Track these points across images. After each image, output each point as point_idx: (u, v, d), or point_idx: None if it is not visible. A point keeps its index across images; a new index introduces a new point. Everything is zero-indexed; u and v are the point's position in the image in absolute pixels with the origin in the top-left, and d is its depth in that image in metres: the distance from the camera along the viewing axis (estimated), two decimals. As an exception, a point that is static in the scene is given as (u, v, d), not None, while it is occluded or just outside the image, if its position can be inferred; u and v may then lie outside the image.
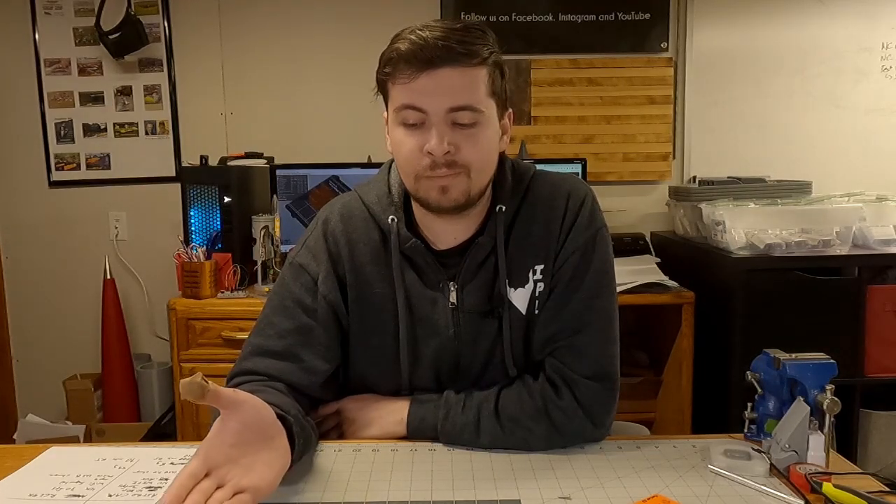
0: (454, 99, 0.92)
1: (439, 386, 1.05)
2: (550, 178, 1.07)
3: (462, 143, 0.93)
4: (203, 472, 0.75)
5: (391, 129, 0.98)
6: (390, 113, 0.98)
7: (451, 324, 1.03)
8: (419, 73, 0.91)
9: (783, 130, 2.71)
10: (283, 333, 1.02)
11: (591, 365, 0.99)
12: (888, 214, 2.16)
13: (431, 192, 0.96)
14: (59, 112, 2.69)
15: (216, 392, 0.74)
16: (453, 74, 0.91)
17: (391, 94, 0.96)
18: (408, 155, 0.95)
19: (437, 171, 0.94)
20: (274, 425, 0.82)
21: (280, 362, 1.01)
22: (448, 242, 1.04)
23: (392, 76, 0.94)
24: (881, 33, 2.67)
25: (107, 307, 2.60)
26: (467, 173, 0.95)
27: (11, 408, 2.80)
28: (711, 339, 2.16)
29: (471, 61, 0.92)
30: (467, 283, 1.03)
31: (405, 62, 0.92)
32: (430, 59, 0.90)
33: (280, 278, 1.08)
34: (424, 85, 0.92)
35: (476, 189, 0.97)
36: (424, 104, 0.92)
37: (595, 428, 0.99)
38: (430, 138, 0.92)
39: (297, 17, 2.68)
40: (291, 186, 2.43)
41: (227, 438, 0.77)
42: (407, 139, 0.95)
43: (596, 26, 2.67)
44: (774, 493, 0.83)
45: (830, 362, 0.93)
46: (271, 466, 0.79)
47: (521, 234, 1.03)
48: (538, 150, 2.68)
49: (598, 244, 1.03)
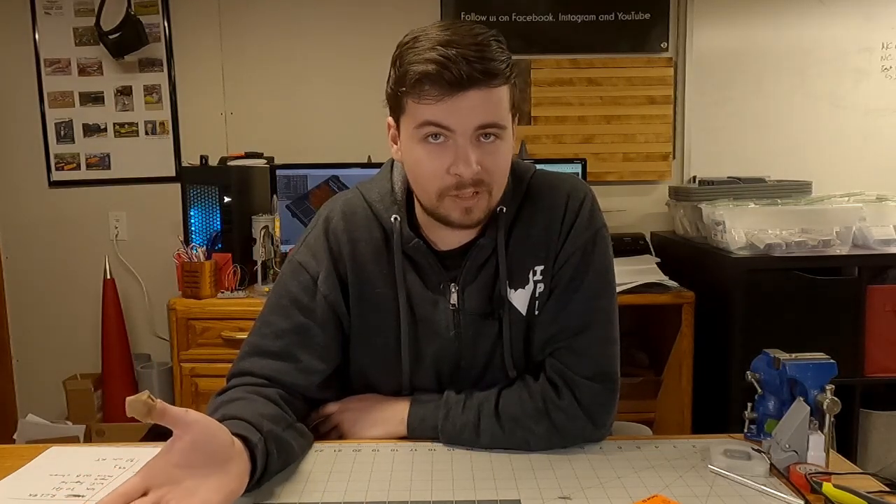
0: (480, 118, 0.90)
1: (440, 386, 1.05)
2: (550, 178, 1.07)
3: (487, 160, 0.92)
4: (140, 490, 0.72)
5: (408, 144, 0.95)
6: (408, 128, 0.94)
7: (451, 325, 1.03)
8: (447, 94, 0.88)
9: (783, 130, 2.71)
10: (279, 333, 1.01)
11: (592, 365, 0.99)
12: (888, 214, 2.16)
13: (454, 212, 0.95)
14: (59, 112, 2.69)
15: (163, 410, 0.71)
16: (479, 95, 0.89)
17: (410, 110, 0.93)
18: (431, 174, 0.93)
19: (463, 190, 0.92)
20: (229, 448, 0.78)
21: (276, 362, 1.00)
22: (449, 244, 1.04)
23: (413, 94, 0.90)
24: (881, 33, 2.67)
25: (107, 307, 2.60)
26: (489, 191, 0.95)
27: (11, 408, 2.80)
28: (711, 339, 2.16)
29: (495, 82, 0.90)
30: (468, 285, 1.03)
31: (431, 83, 0.88)
32: (458, 81, 0.87)
33: (280, 277, 1.07)
34: (452, 106, 0.89)
35: (494, 203, 0.97)
36: (450, 123, 0.90)
37: (595, 428, 0.99)
38: (458, 160, 0.91)
39: (297, 17, 2.68)
40: (291, 186, 2.43)
41: (173, 458, 0.74)
42: (430, 159, 0.92)
43: (596, 26, 2.67)
44: (774, 493, 0.83)
45: (830, 362, 0.93)
46: (218, 491, 0.75)
47: (522, 235, 1.03)
48: (538, 150, 2.68)
49: (598, 244, 1.03)
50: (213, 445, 0.77)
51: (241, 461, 0.80)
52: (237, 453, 0.80)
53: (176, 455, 0.75)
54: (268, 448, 0.85)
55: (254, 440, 0.83)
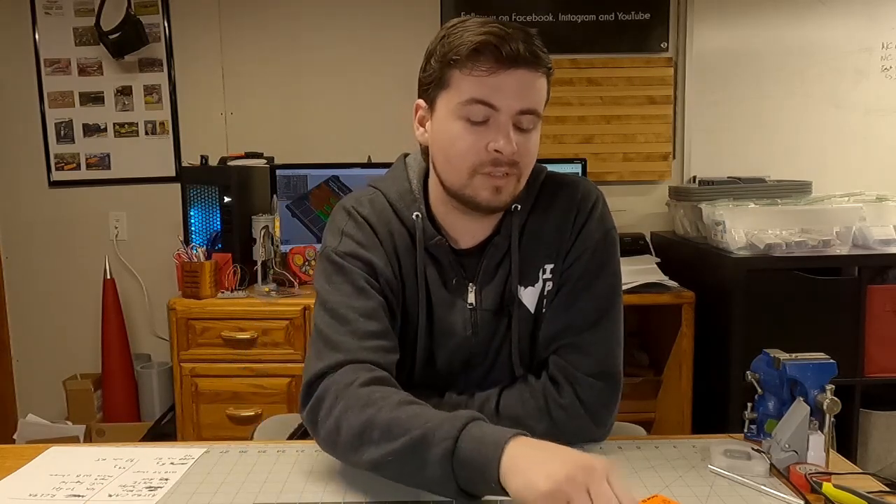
0: (525, 101, 0.92)
1: (447, 382, 1.05)
2: (562, 179, 1.08)
3: (522, 145, 0.94)
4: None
5: (446, 120, 0.95)
6: (449, 104, 0.94)
7: (469, 325, 1.03)
8: (500, 69, 0.90)
9: (783, 130, 2.71)
10: (369, 313, 0.95)
11: (596, 363, 1.00)
12: (888, 214, 2.16)
13: (484, 190, 0.95)
14: (59, 112, 2.69)
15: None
16: (528, 77, 0.91)
17: (457, 83, 0.93)
18: (467, 149, 0.93)
19: (498, 168, 0.93)
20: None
21: (381, 341, 0.95)
22: (467, 241, 1.04)
23: (465, 65, 0.91)
24: (881, 33, 2.67)
25: (107, 307, 2.60)
26: (518, 176, 0.96)
27: (11, 408, 2.80)
28: (711, 339, 2.16)
29: (542, 67, 0.93)
30: (486, 285, 1.03)
31: (490, 53, 0.89)
32: (514, 56, 0.89)
33: (325, 276, 1.00)
34: (502, 81, 0.90)
35: (518, 191, 0.98)
36: (498, 101, 0.91)
37: (596, 427, 0.99)
38: (499, 136, 0.91)
39: (297, 17, 2.67)
40: (291, 186, 2.43)
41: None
42: (467, 134, 0.93)
43: (596, 26, 2.67)
44: (774, 493, 0.83)
45: (830, 362, 0.93)
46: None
47: (533, 234, 1.04)
48: (538, 150, 2.67)
49: (607, 245, 1.04)
50: None
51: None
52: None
53: None
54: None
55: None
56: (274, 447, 1.00)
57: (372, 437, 0.82)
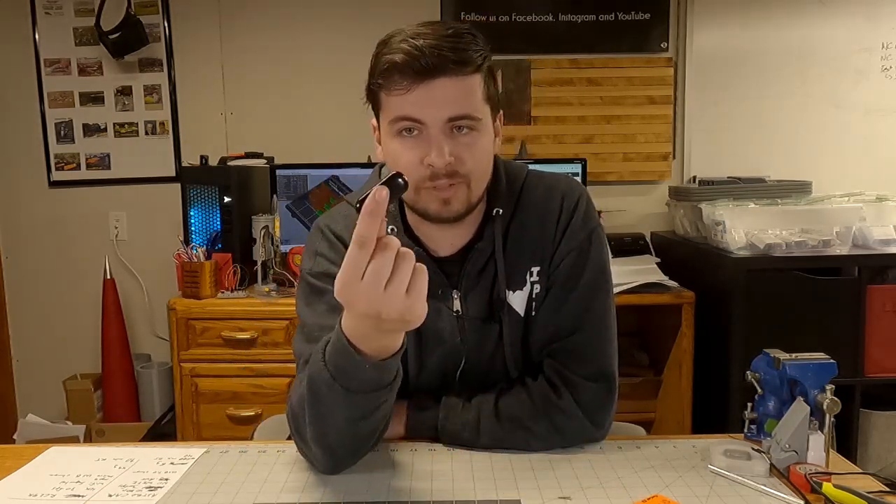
0: (452, 109, 0.91)
1: (443, 389, 1.05)
2: (544, 178, 1.07)
3: (462, 152, 0.92)
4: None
5: (385, 140, 0.96)
6: (384, 124, 0.96)
7: (456, 332, 1.03)
8: (414, 84, 0.89)
9: (783, 130, 2.71)
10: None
11: (589, 365, 0.99)
12: (888, 214, 2.16)
13: (432, 204, 0.95)
14: (59, 112, 2.69)
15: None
16: (449, 84, 0.90)
17: (384, 104, 0.94)
18: (405, 167, 0.92)
19: (438, 181, 0.93)
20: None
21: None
22: (446, 249, 1.03)
23: (385, 87, 0.92)
24: (881, 33, 2.67)
25: (107, 307, 2.60)
26: (468, 183, 0.94)
27: (11, 408, 2.80)
28: (711, 339, 2.16)
29: (465, 70, 0.91)
30: (470, 291, 1.03)
31: (399, 73, 0.89)
32: (425, 69, 0.88)
33: (304, 294, 1.02)
34: (420, 96, 0.90)
35: (475, 197, 0.97)
36: (422, 115, 0.91)
37: (595, 428, 0.99)
38: (431, 150, 0.91)
39: (296, 17, 2.68)
40: (291, 186, 2.43)
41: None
42: (404, 151, 0.93)
43: (596, 26, 2.67)
44: (774, 493, 0.83)
45: (830, 362, 0.93)
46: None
47: (517, 237, 1.03)
48: (538, 150, 2.68)
49: (593, 244, 1.03)
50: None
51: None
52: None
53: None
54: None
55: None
56: (274, 447, 1.00)
57: (299, 424, 0.88)
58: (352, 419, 0.83)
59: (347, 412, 0.82)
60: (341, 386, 0.79)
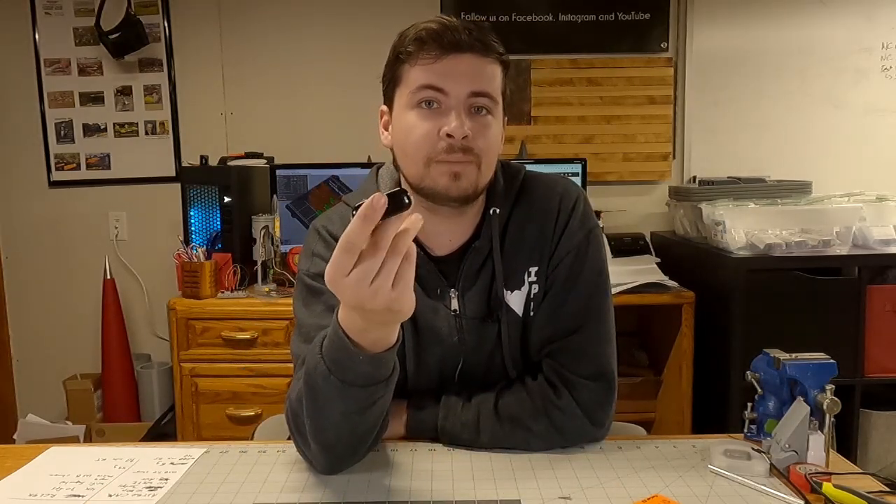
0: (475, 83, 0.93)
1: (441, 389, 1.05)
2: (542, 179, 1.07)
3: (477, 130, 0.94)
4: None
5: (400, 115, 0.97)
6: (402, 97, 0.96)
7: (454, 331, 1.03)
8: (445, 54, 0.93)
9: (783, 130, 2.71)
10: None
11: (588, 365, 0.99)
12: (888, 214, 2.16)
13: (442, 178, 0.94)
14: (59, 112, 2.69)
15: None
16: (475, 61, 0.94)
17: (407, 75, 0.95)
18: (421, 138, 0.94)
19: (452, 154, 0.93)
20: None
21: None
22: (444, 248, 1.03)
23: (413, 56, 0.94)
24: (881, 33, 2.67)
25: (107, 307, 2.60)
26: (478, 164, 0.95)
27: (11, 408, 2.80)
28: (711, 339, 2.16)
29: (490, 54, 0.95)
30: (468, 290, 1.03)
31: (433, 41, 0.92)
32: (457, 42, 0.92)
33: (301, 294, 1.02)
34: (448, 67, 0.93)
35: (482, 183, 0.98)
36: (446, 85, 0.93)
37: (595, 428, 0.99)
38: (450, 120, 0.92)
39: (297, 18, 2.68)
40: (291, 186, 2.43)
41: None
42: (421, 122, 0.94)
43: (596, 26, 2.67)
44: (774, 493, 0.83)
45: (830, 362, 0.93)
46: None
47: (515, 237, 1.03)
48: (538, 150, 2.68)
49: (591, 244, 1.03)
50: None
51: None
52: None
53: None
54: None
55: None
56: (274, 447, 1.00)
57: (298, 422, 0.87)
58: (348, 413, 0.83)
59: (344, 406, 0.82)
60: (337, 378, 0.80)
